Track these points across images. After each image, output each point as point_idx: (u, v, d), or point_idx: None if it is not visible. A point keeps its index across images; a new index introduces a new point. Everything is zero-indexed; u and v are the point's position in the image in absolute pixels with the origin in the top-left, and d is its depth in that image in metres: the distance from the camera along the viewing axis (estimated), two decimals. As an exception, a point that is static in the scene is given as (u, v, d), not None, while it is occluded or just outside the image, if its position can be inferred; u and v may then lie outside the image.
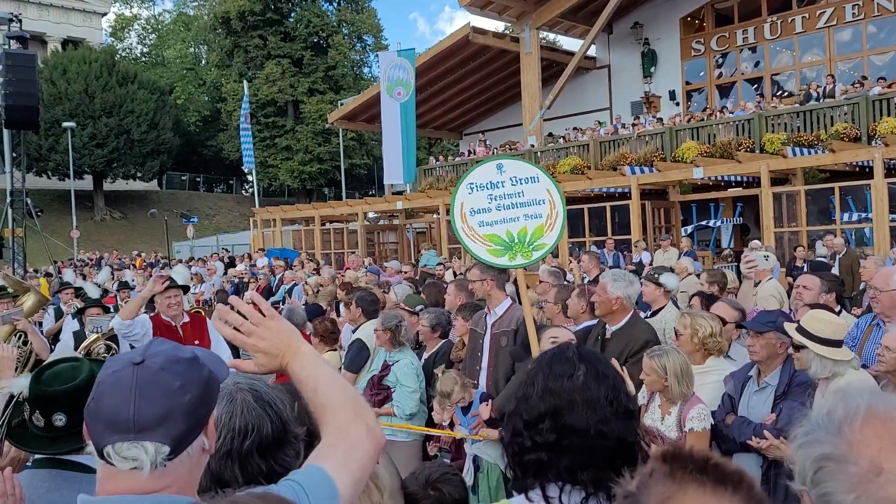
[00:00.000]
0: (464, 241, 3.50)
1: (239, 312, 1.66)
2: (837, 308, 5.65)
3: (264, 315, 1.67)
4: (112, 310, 7.41)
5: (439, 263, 15.52)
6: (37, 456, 2.30)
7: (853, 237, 15.54)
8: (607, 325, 4.70)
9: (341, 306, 8.15)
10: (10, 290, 7.11)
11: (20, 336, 5.41)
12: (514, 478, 1.93)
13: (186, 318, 5.71)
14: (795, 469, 1.11)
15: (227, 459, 1.69)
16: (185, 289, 5.93)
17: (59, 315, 9.04)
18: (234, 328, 1.66)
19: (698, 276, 9.07)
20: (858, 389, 1.13)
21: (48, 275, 19.69)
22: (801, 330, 3.58)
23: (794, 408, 3.57)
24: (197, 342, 5.41)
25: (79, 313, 6.92)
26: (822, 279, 5.78)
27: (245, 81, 36.99)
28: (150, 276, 16.78)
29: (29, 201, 23.26)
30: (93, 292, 7.55)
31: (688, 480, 0.94)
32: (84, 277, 15.75)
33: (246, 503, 1.18)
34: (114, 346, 5.68)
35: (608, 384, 1.90)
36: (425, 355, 5.64)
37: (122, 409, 1.33)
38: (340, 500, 1.45)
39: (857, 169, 16.45)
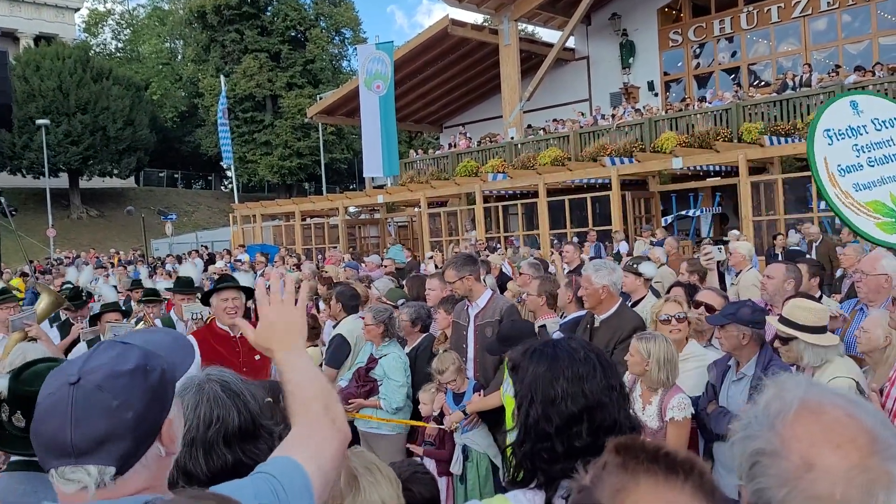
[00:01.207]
0: (842, 212, 2.63)
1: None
2: (818, 294, 5.70)
3: (285, 298, 1.77)
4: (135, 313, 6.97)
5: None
6: (13, 458, 2.26)
7: (829, 225, 15.70)
8: (596, 315, 4.73)
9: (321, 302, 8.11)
10: (16, 292, 6.71)
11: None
12: (526, 481, 1.86)
13: None
14: (735, 463, 1.11)
15: (191, 448, 1.68)
16: (249, 292, 4.80)
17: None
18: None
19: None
20: (796, 382, 1.13)
21: (24, 274, 19.45)
22: (786, 321, 3.60)
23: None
24: (258, 357, 4.46)
25: (92, 320, 6.15)
26: (808, 264, 5.82)
27: (222, 76, 36.67)
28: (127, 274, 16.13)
29: (3, 200, 22.98)
30: (109, 294, 6.83)
31: (640, 471, 0.95)
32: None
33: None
34: None
35: (620, 379, 1.92)
36: (406, 349, 5.63)
37: (60, 434, 1.27)
38: (314, 493, 1.42)
39: (834, 157, 16.62)
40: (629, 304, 5.57)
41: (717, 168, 18.16)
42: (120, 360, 1.35)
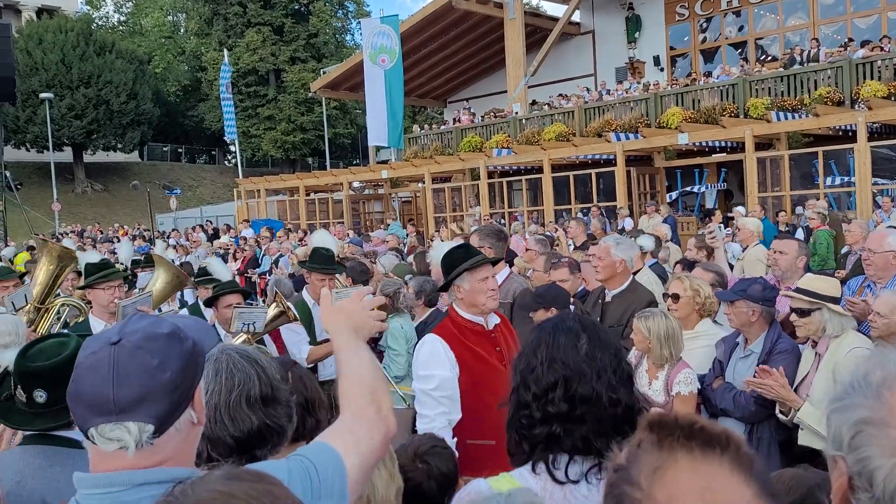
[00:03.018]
0: None
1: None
2: (802, 273, 5.68)
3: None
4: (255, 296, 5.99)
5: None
6: (27, 433, 2.29)
7: (835, 201, 15.67)
8: (607, 290, 4.72)
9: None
10: (118, 267, 5.26)
11: None
12: (517, 451, 1.93)
13: (497, 319, 3.48)
14: (829, 434, 1.09)
15: (215, 413, 1.70)
16: (496, 261, 3.82)
17: (182, 306, 7.09)
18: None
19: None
20: None
21: (31, 248, 19.50)
22: (806, 292, 3.59)
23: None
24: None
25: (209, 303, 5.09)
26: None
27: (225, 50, 36.42)
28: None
29: (8, 174, 23.02)
30: (222, 272, 5.40)
31: (677, 447, 0.93)
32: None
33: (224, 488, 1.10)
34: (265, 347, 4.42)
35: (611, 352, 1.92)
36: (414, 324, 5.64)
37: (102, 391, 1.32)
38: (348, 480, 1.45)
39: (841, 133, 16.53)
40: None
41: (723, 144, 18.07)
42: (156, 325, 1.41)
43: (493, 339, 3.36)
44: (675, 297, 4.18)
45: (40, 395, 2.12)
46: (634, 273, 5.65)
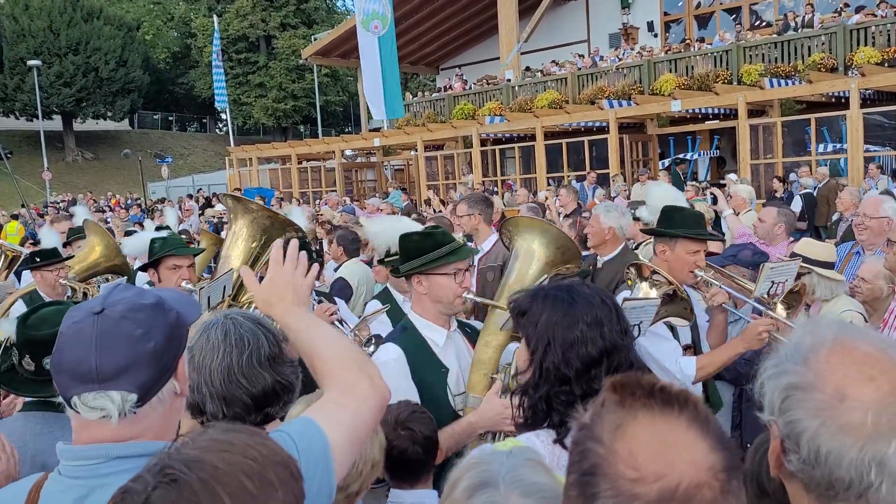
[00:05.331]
0: None
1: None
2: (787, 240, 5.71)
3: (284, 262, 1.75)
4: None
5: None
6: (27, 399, 2.32)
7: (828, 168, 15.69)
8: (598, 256, 4.79)
9: (324, 244, 8.14)
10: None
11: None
12: (537, 421, 1.90)
13: None
14: (765, 400, 1.14)
15: (229, 374, 1.74)
16: None
17: None
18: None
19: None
20: (827, 322, 1.16)
21: (15, 216, 19.42)
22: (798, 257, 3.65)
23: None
24: None
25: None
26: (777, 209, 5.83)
27: (215, 16, 35.93)
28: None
29: (-2, 143, 22.80)
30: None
31: (637, 406, 0.97)
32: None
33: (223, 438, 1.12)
34: None
35: (627, 322, 1.96)
36: (406, 294, 5.66)
37: (85, 360, 1.33)
38: (332, 455, 1.44)
39: (833, 100, 16.50)
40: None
41: (716, 111, 18.03)
42: (140, 296, 1.43)
43: None
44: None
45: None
46: (637, 245, 5.70)
